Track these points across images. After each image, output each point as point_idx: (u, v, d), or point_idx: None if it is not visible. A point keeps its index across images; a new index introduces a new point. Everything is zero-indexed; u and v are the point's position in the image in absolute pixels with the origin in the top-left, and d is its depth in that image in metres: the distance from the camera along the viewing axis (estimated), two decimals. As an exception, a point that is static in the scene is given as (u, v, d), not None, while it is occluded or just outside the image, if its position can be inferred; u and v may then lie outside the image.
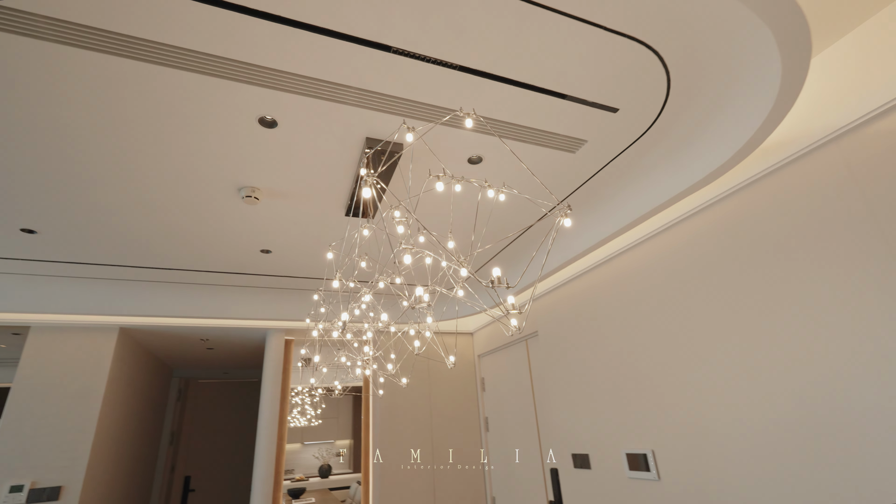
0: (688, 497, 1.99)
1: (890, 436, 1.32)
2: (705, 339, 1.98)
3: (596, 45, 1.36)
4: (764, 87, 1.43)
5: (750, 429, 1.74)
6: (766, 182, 1.77)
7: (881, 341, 1.37)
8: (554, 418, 3.00)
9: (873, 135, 1.44)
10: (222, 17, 1.18)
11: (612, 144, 1.88)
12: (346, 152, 1.80)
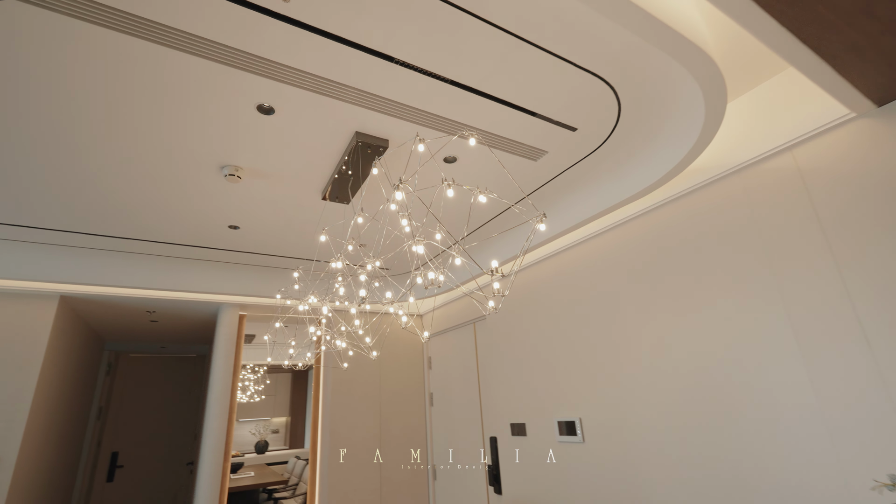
0: (607, 456, 2.38)
1: (764, 398, 1.73)
2: (628, 324, 2.35)
3: (565, 75, 1.60)
4: (691, 124, 1.77)
5: (660, 397, 2.14)
6: (685, 199, 2.15)
7: (759, 328, 1.78)
8: (496, 393, 3.33)
9: (765, 170, 1.83)
10: (240, 14, 1.27)
11: (568, 157, 2.16)
12: (334, 143, 1.92)
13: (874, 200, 1.52)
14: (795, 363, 1.65)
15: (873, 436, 1.43)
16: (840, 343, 1.55)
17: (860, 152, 1.58)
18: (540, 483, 2.80)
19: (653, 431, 2.15)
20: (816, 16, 1.15)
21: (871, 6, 1.12)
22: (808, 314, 1.64)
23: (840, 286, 1.57)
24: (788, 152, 1.77)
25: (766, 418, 1.71)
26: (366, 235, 2.87)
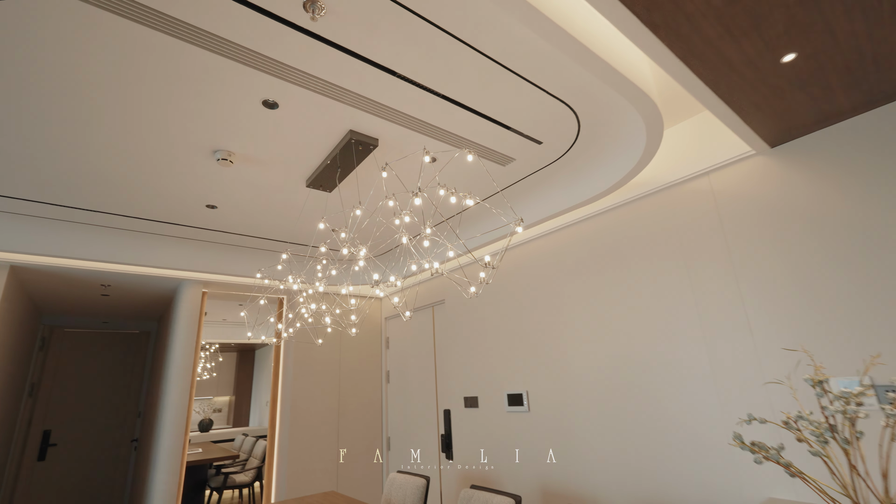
0: (548, 422, 2.76)
1: (673, 367, 2.16)
2: (572, 310, 2.73)
3: (537, 99, 1.88)
4: (635, 147, 2.12)
5: (594, 371, 2.54)
6: (623, 208, 2.53)
7: (673, 314, 2.19)
8: (451, 371, 3.64)
9: (688, 189, 2.24)
10: (265, 23, 1.41)
11: (532, 164, 2.46)
12: (327, 138, 2.07)
13: (765, 219, 1.96)
14: (698, 342, 2.09)
15: (745, 393, 1.88)
16: (731, 329, 1.99)
17: (757, 181, 2.01)
18: (489, 448, 3.16)
19: (587, 397, 2.55)
20: (731, 81, 1.50)
21: (768, 77, 1.49)
22: (710, 305, 2.07)
23: (735, 285, 2.00)
24: (706, 176, 2.19)
25: (674, 381, 2.15)
26: (351, 222, 3.03)
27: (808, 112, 1.72)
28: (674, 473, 2.10)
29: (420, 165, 2.36)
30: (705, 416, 2.02)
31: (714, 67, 1.43)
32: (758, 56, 1.39)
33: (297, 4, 1.34)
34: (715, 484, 1.95)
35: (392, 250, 3.82)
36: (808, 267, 1.81)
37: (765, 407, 1.84)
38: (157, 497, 3.16)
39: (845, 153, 1.78)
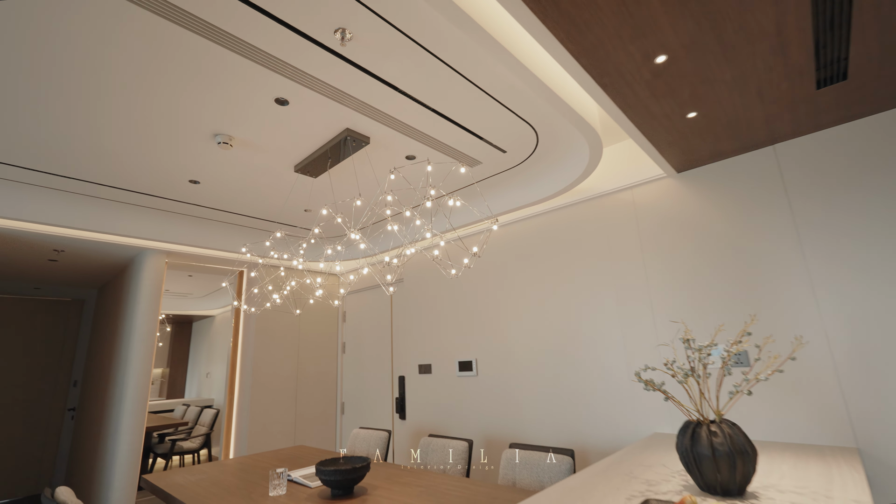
0: (493, 385, 3.26)
1: (594, 340, 2.72)
2: (517, 291, 3.22)
3: (506, 118, 2.27)
4: (579, 162, 2.60)
5: (533, 342, 3.06)
6: (567, 209, 3.04)
7: (598, 297, 2.75)
8: (407, 342, 4.03)
9: (616, 198, 2.78)
10: (294, 39, 1.64)
11: (496, 167, 2.86)
12: (325, 133, 2.31)
13: (668, 227, 2.54)
14: (614, 318, 2.66)
15: (644, 354, 2.48)
16: (638, 308, 2.57)
17: (665, 197, 2.58)
18: (441, 408, 3.62)
19: (526, 363, 3.07)
20: (653, 126, 2.00)
21: (677, 126, 2.01)
22: (625, 290, 2.64)
23: (644, 276, 2.58)
24: (630, 190, 2.74)
25: (594, 349, 2.72)
26: (339, 206, 3.25)
27: (702, 151, 2.29)
28: (591, 419, 2.69)
29: (398, 164, 2.67)
30: (616, 375, 2.61)
31: (642, 116, 1.92)
32: (671, 112, 1.89)
33: (329, 30, 1.60)
34: (620, 424, 2.56)
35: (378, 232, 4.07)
36: (692, 264, 2.42)
37: (657, 362, 2.45)
38: (121, 461, 3.25)
39: (726, 182, 2.39)
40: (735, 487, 1.30)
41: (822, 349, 2.02)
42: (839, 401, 1.95)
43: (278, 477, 2.02)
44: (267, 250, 4.10)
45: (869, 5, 1.37)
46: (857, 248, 2.00)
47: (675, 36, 1.46)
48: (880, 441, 1.84)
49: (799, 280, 2.12)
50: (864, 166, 2.03)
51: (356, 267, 4.83)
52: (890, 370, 1.86)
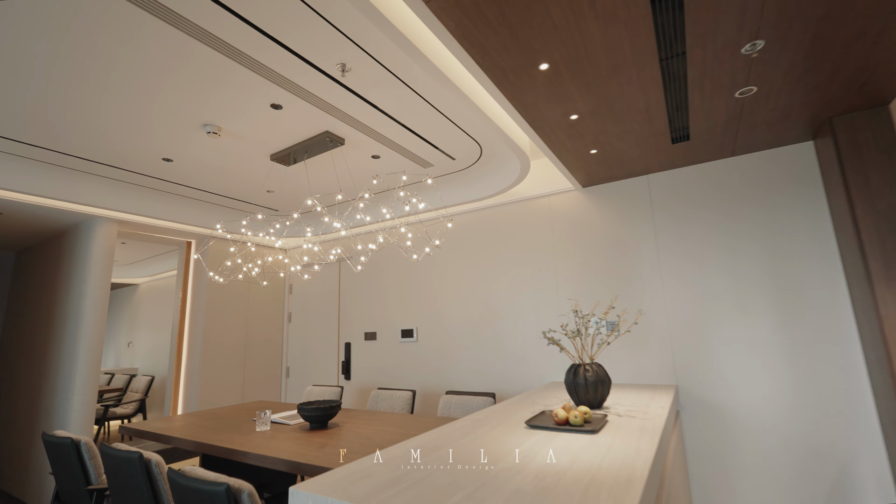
0: (432, 348, 3.87)
1: (515, 312, 3.43)
2: (454, 272, 3.83)
3: (459, 135, 2.80)
4: (512, 172, 3.22)
5: (466, 313, 3.70)
6: (500, 208, 3.68)
7: (517, 279, 3.45)
8: (354, 313, 4.48)
9: (537, 203, 3.47)
10: (300, 66, 2.00)
11: (445, 170, 3.39)
12: (305, 132, 2.65)
13: (572, 228, 3.29)
14: (528, 296, 3.38)
15: (550, 322, 3.24)
16: (548, 289, 3.31)
17: (572, 205, 3.32)
18: (384, 369, 4.16)
19: (459, 331, 3.72)
20: (567, 156, 2.66)
21: (583, 158, 2.70)
22: (538, 275, 3.37)
23: (553, 264, 3.32)
24: (548, 197, 3.44)
25: (514, 319, 3.43)
26: (315, 190, 3.53)
27: (600, 175, 3.03)
28: (508, 371, 3.41)
29: (366, 161, 3.09)
30: (528, 338, 3.35)
31: (560, 149, 2.56)
32: (580, 148, 2.57)
33: (333, 63, 1.99)
34: (529, 374, 3.31)
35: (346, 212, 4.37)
36: (585, 256, 3.20)
37: (557, 326, 3.22)
38: (75, 421, 3.34)
39: (614, 197, 3.17)
40: (597, 403, 2.03)
41: (663, 319, 2.90)
42: (669, 355, 2.85)
43: (263, 417, 2.43)
44: (238, 227, 4.25)
45: (697, 97, 2.11)
46: (693, 250, 2.87)
47: (584, 105, 2.09)
48: (689, 380, 2.76)
49: (653, 270, 2.97)
50: (702, 193, 2.90)
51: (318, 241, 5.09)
52: (702, 335, 2.77)
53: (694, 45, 1.69)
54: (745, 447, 2.60)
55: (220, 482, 1.30)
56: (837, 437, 2.39)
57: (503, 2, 1.42)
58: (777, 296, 2.62)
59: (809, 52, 1.75)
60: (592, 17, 1.51)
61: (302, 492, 1.08)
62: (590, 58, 1.74)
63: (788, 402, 2.52)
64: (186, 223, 4.14)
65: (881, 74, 1.93)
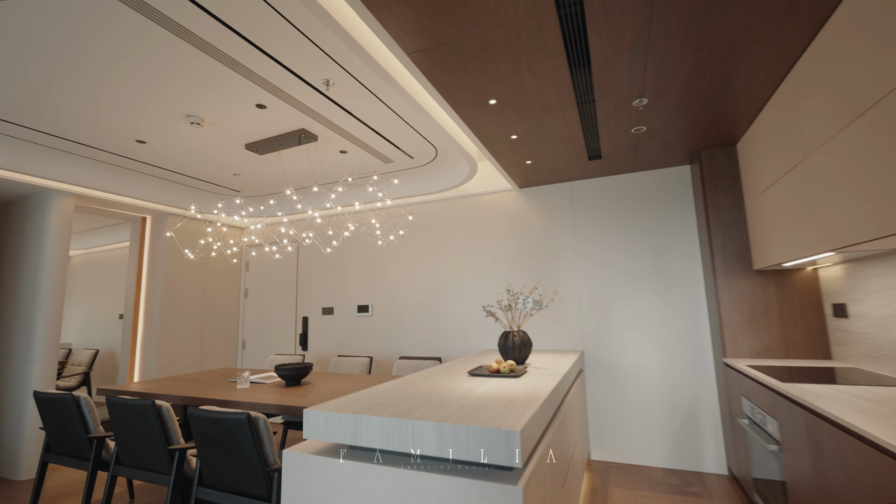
0: (386, 323, 4.32)
1: (458, 292, 3.98)
2: (407, 255, 4.29)
3: (417, 138, 3.23)
4: (462, 172, 3.71)
5: (415, 291, 4.19)
6: (451, 201, 4.17)
7: (463, 262, 4.00)
8: (312, 289, 4.79)
9: (483, 199, 4.01)
10: (287, 76, 2.32)
11: (402, 166, 3.80)
12: (283, 127, 2.93)
13: (509, 222, 3.87)
14: (471, 277, 3.94)
15: (488, 299, 3.83)
16: (487, 271, 3.89)
17: (510, 202, 3.89)
18: (341, 340, 4.55)
19: (411, 306, 4.21)
20: (509, 165, 3.20)
21: (521, 167, 3.25)
22: (480, 260, 3.93)
23: (492, 251, 3.89)
24: (491, 195, 3.99)
25: (458, 297, 3.98)
26: (289, 177, 3.74)
27: (534, 179, 3.62)
28: (453, 341, 3.97)
29: (334, 155, 3.41)
30: (469, 312, 3.92)
31: (502, 159, 3.09)
32: (519, 160, 3.11)
33: (319, 78, 2.32)
34: (470, 343, 3.89)
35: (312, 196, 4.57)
36: (518, 245, 3.81)
37: (493, 302, 3.81)
38: (37, 382, 3.40)
39: (543, 198, 3.79)
40: (521, 360, 2.62)
41: (575, 298, 3.59)
42: (578, 326, 3.56)
43: (243, 377, 2.77)
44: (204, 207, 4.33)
45: (605, 130, 2.72)
46: (601, 244, 3.57)
47: (521, 129, 2.62)
48: (593, 346, 3.49)
49: (570, 259, 3.65)
50: (610, 199, 3.59)
51: (267, 222, 5.26)
52: (604, 311, 3.50)
53: (600, 97, 2.26)
54: (629, 392, 3.38)
55: (240, 412, 1.70)
56: (689, 383, 3.22)
57: (465, 58, 1.88)
58: (656, 281, 3.39)
59: (679, 107, 2.40)
60: (528, 73, 2.01)
61: (314, 411, 1.51)
62: (527, 99, 2.26)
63: (659, 359, 3.32)
64: (145, 199, 4.17)
65: (728, 125, 2.65)
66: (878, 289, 2.07)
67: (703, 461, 3.12)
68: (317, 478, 1.46)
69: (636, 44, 1.81)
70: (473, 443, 1.28)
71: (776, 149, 2.29)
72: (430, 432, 1.34)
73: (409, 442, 1.36)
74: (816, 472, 1.60)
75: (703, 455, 3.13)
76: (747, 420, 2.41)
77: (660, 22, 1.67)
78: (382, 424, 1.41)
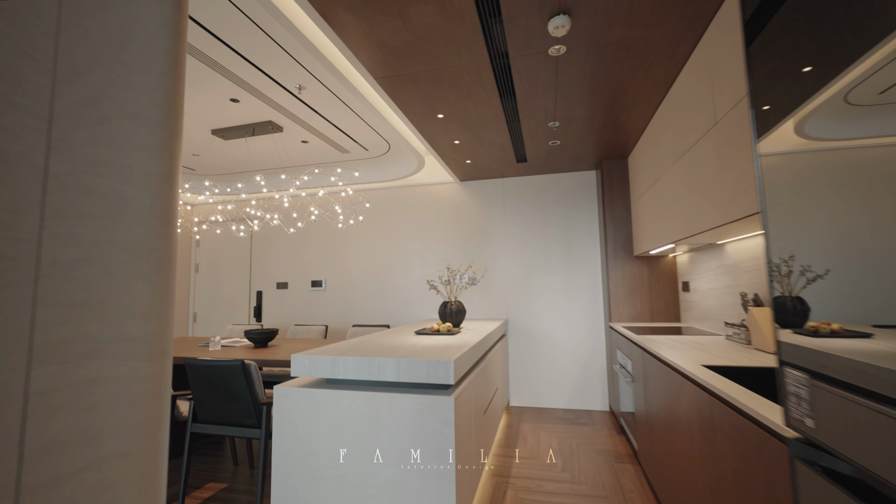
0: (339, 296, 4.73)
1: (405, 269, 4.50)
2: (359, 235, 4.71)
3: (372, 134, 3.64)
4: (411, 165, 4.17)
5: (366, 268, 4.64)
6: (400, 189, 4.62)
7: (409, 244, 4.51)
8: (267, 264, 5.04)
9: (428, 189, 4.51)
10: (263, 78, 2.63)
11: (357, 157, 4.17)
12: (251, 118, 3.19)
13: (450, 210, 4.43)
14: (417, 256, 4.48)
15: (431, 275, 4.40)
16: (430, 253, 4.44)
17: (452, 193, 4.44)
18: (295, 312, 4.89)
19: (362, 281, 4.65)
20: (453, 162, 3.72)
21: (462, 165, 3.79)
22: (425, 242, 4.46)
23: (435, 234, 4.44)
24: (435, 186, 4.50)
25: (406, 273, 4.50)
26: (253, 160, 3.90)
27: (472, 174, 4.19)
28: (399, 311, 4.50)
29: (297, 144, 3.71)
30: (415, 286, 4.46)
31: (446, 158, 3.61)
32: (460, 159, 3.65)
33: (294, 83, 2.66)
34: (414, 313, 4.45)
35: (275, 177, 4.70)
36: (458, 230, 4.39)
37: (436, 277, 4.39)
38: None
39: (480, 191, 4.38)
40: (457, 323, 3.22)
41: (503, 275, 4.27)
42: (504, 298, 4.25)
43: (215, 339, 3.09)
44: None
45: (529, 141, 3.33)
46: (525, 231, 4.26)
47: (463, 137, 3.15)
48: (515, 315, 4.21)
49: (499, 243, 4.30)
50: (533, 195, 4.27)
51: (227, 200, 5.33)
52: (525, 286, 4.21)
53: (524, 119, 2.85)
54: (542, 351, 4.15)
55: (235, 359, 2.11)
56: (586, 342, 4.05)
57: (420, 84, 2.35)
58: (567, 262, 4.16)
59: (582, 129, 3.07)
60: (470, 99, 2.53)
61: (301, 355, 1.98)
62: (468, 116, 2.78)
63: (566, 325, 4.12)
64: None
65: (620, 144, 3.38)
66: (703, 271, 2.91)
67: (593, 401, 3.99)
68: (303, 404, 1.94)
69: (548, 87, 2.39)
70: (421, 371, 1.83)
71: (647, 167, 3.04)
72: (391, 366, 1.87)
73: (375, 373, 1.89)
74: (646, 391, 2.37)
75: (592, 397, 4.00)
76: (618, 366, 3.23)
77: (563, 75, 2.26)
78: (355, 362, 1.92)
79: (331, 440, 1.89)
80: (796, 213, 0.87)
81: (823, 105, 0.77)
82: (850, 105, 0.72)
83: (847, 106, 0.72)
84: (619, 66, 2.18)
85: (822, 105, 0.78)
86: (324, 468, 1.89)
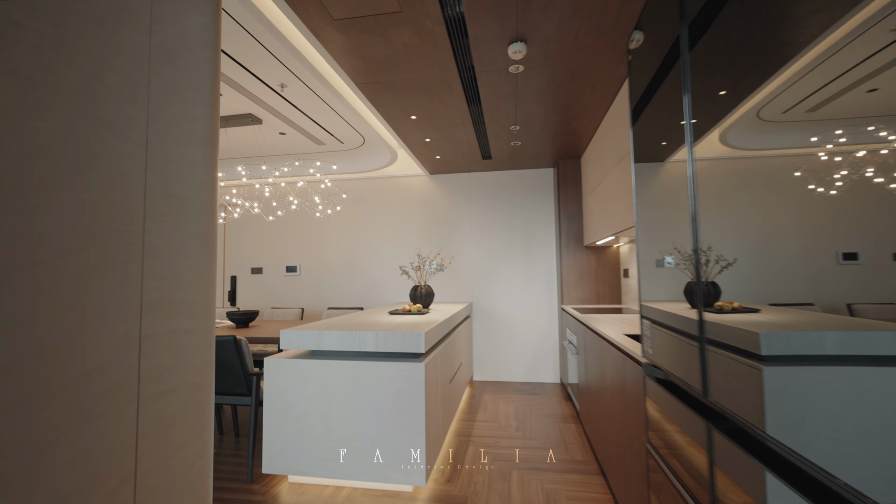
0: (314, 281, 4.91)
1: (376, 258, 4.74)
2: (336, 224, 4.89)
3: (348, 129, 3.83)
4: (384, 158, 4.38)
5: (341, 254, 4.84)
6: (374, 180, 4.82)
7: (382, 231, 4.74)
8: (241, 250, 5.13)
9: (402, 181, 4.74)
10: (250, 77, 2.77)
11: (334, 149, 4.34)
12: (232, 110, 3.30)
13: (420, 200, 4.69)
14: (389, 244, 4.73)
15: (402, 261, 4.67)
16: (402, 240, 4.70)
17: (422, 185, 4.70)
18: (269, 296, 5.02)
19: (337, 267, 4.85)
20: (424, 157, 3.98)
21: (432, 160, 4.06)
22: (398, 229, 4.72)
23: (407, 223, 4.70)
24: (408, 178, 4.75)
25: (378, 259, 4.74)
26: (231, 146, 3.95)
27: (441, 168, 4.46)
28: (372, 295, 4.75)
29: (275, 136, 3.84)
30: (387, 271, 4.72)
31: (418, 154, 3.86)
32: (430, 154, 3.91)
33: (277, 81, 2.82)
34: (386, 297, 4.71)
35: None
36: (427, 219, 4.67)
37: (408, 264, 4.66)
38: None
39: (449, 184, 4.67)
40: (426, 305, 3.52)
41: (469, 262, 4.60)
42: (469, 283, 4.59)
43: (198, 321, 3.24)
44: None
45: (493, 141, 3.64)
46: (489, 221, 4.59)
47: (434, 136, 3.41)
48: (479, 298, 4.56)
49: (465, 232, 4.62)
50: (497, 188, 4.60)
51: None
52: (489, 273, 4.56)
53: (488, 122, 3.14)
54: (502, 331, 4.54)
55: (228, 335, 2.31)
56: (541, 323, 4.47)
57: (396, 90, 2.59)
58: (526, 251, 4.54)
59: (540, 132, 3.40)
60: (440, 104, 2.80)
61: (289, 330, 2.22)
62: (438, 118, 3.05)
63: (525, 307, 4.52)
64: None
65: (573, 145, 3.75)
66: (639, 259, 3.35)
67: (545, 374, 4.44)
68: (292, 373, 2.19)
69: (509, 96, 2.70)
70: (397, 342, 2.12)
71: (595, 167, 3.43)
72: (371, 338, 2.15)
73: (357, 345, 2.16)
74: (587, 361, 2.78)
75: (545, 371, 4.44)
76: (567, 342, 3.65)
77: (522, 87, 2.57)
78: (339, 336, 2.18)
79: (317, 404, 2.15)
80: (719, 211, 1.22)
81: (704, 144, 1.12)
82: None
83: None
84: (570, 83, 2.51)
85: (703, 144, 1.12)
86: (310, 427, 2.15)
